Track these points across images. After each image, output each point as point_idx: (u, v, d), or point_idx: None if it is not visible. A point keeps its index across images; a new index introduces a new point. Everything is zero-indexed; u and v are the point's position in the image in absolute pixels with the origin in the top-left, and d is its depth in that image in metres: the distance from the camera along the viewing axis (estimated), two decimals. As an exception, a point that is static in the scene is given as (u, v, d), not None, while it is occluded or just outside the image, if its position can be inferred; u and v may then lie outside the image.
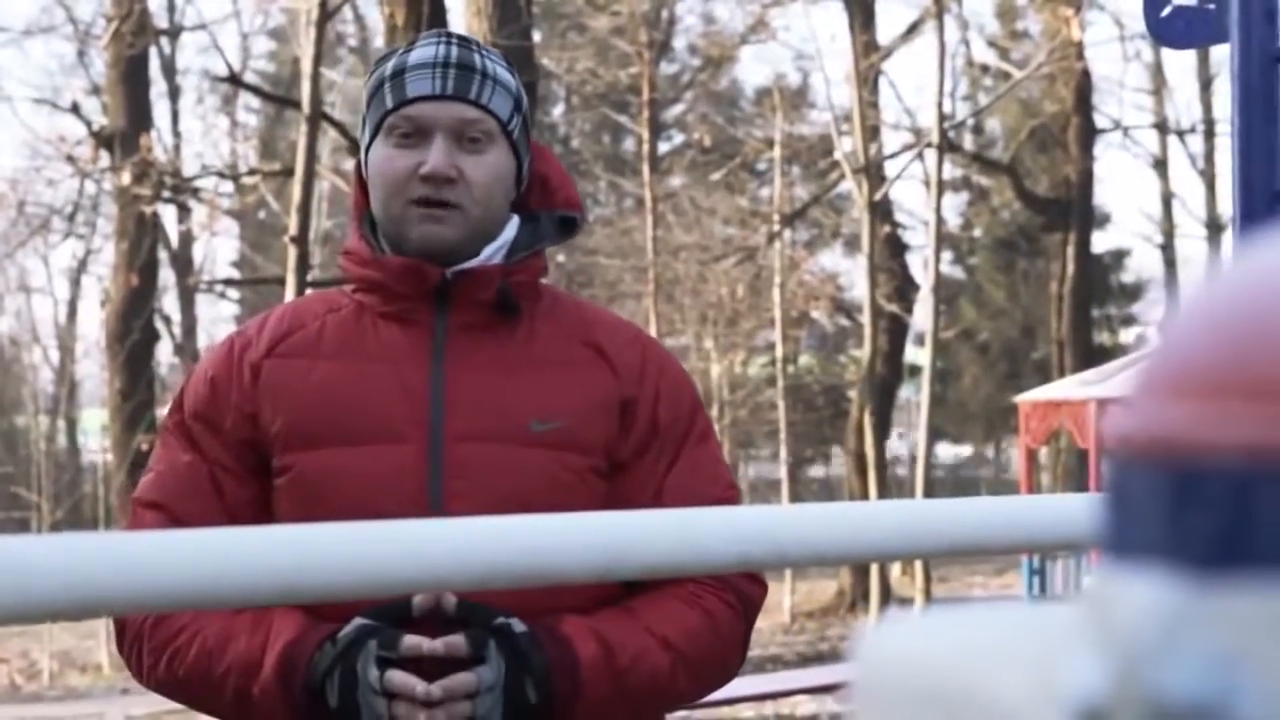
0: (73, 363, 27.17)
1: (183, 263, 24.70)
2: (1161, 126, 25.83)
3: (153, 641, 2.00)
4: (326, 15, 11.46)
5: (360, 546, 1.40)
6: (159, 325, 20.99)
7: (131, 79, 18.36)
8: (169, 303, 24.64)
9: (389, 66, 2.10)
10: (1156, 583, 0.44)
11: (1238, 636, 0.43)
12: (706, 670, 2.06)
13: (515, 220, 2.14)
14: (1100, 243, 26.34)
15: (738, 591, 2.05)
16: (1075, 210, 19.62)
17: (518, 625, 1.93)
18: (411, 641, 1.90)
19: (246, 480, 2.03)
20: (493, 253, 2.09)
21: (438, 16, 11.22)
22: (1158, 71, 25.51)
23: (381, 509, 1.86)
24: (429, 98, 2.06)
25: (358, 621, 1.92)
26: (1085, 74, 18.98)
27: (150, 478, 2.08)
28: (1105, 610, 0.45)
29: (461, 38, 2.11)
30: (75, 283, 27.85)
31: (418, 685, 1.88)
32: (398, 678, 1.88)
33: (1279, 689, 0.42)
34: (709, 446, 2.13)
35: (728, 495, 2.10)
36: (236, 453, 2.04)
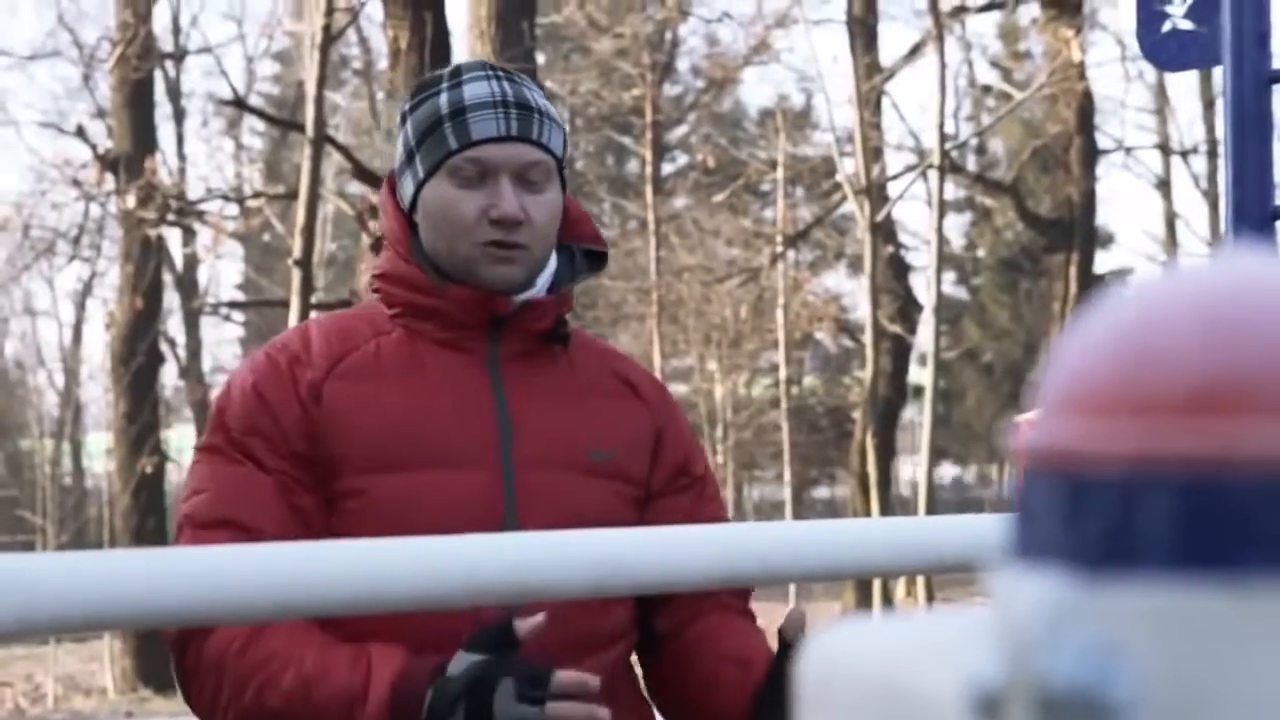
0: (78, 386, 27.22)
1: (187, 285, 24.78)
2: (1164, 147, 25.89)
3: (239, 671, 1.94)
4: (330, 39, 11.52)
5: (434, 559, 1.42)
6: (164, 348, 21.04)
7: (136, 102, 18.43)
8: (174, 325, 24.72)
9: (444, 102, 2.10)
10: (1048, 581, 0.48)
11: (1118, 628, 0.47)
12: None
13: (554, 254, 2.18)
14: (1104, 263, 26.40)
15: (752, 616, 2.18)
16: (1078, 230, 19.67)
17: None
18: (570, 678, 1.85)
19: (311, 490, 2.01)
20: (543, 285, 2.13)
21: (441, 40, 11.28)
22: (1160, 92, 25.58)
23: (458, 533, 1.87)
24: (495, 140, 2.08)
25: (472, 656, 1.86)
26: (1087, 95, 19.04)
27: (204, 498, 2.02)
28: (1005, 608, 0.49)
29: (505, 71, 2.13)
30: (80, 306, 27.95)
31: (590, 680, 1.84)
32: (564, 709, 1.83)
33: (1153, 674, 0.46)
34: (715, 482, 2.25)
35: (723, 514, 2.23)
36: (295, 464, 2.01)
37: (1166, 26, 3.27)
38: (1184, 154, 26.12)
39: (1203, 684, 0.46)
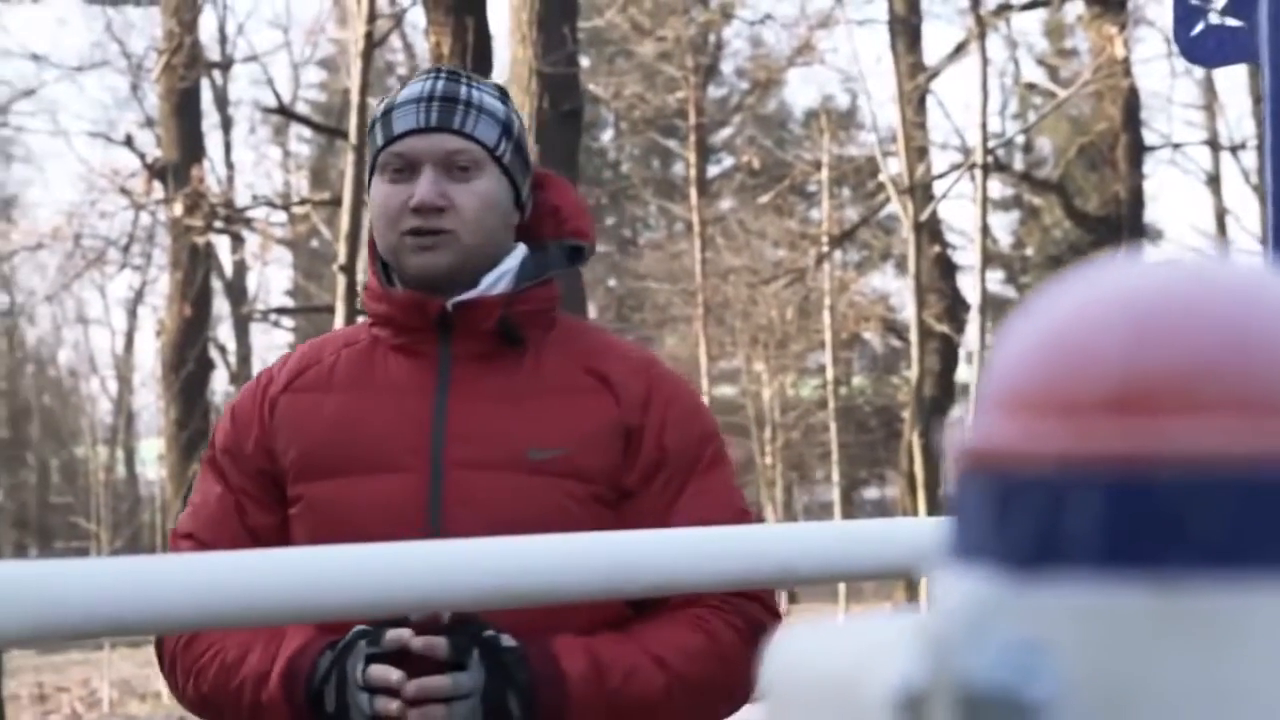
0: (130, 393, 27.41)
1: (237, 292, 24.93)
2: (1213, 142, 25.69)
3: (183, 663, 2.09)
4: (372, 46, 11.57)
5: (361, 567, 1.45)
6: (214, 354, 21.18)
7: (183, 111, 18.57)
8: (224, 332, 24.89)
9: (381, 107, 2.19)
10: (975, 581, 0.49)
11: (1042, 626, 0.47)
12: (706, 692, 2.08)
13: (521, 249, 2.18)
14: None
15: (745, 616, 2.07)
16: (1126, 227, 19.55)
17: (506, 640, 1.98)
18: (393, 635, 1.96)
19: (270, 507, 2.11)
20: (494, 281, 2.14)
21: (482, 45, 11.30)
22: (1209, 87, 25.39)
23: (384, 537, 1.91)
24: (414, 132, 2.12)
25: (355, 628, 1.99)
26: (1133, 91, 18.92)
27: (187, 511, 2.18)
28: (934, 607, 0.49)
29: (451, 71, 2.19)
30: (132, 314, 28.14)
31: (393, 675, 1.94)
32: (377, 671, 1.94)
33: (1076, 673, 0.47)
34: (720, 474, 2.16)
35: (738, 520, 2.12)
36: (258, 482, 2.13)
37: (1204, 22, 3.25)
38: (1233, 149, 25.91)
39: (1126, 682, 0.47)
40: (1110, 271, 0.51)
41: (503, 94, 2.20)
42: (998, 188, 24.37)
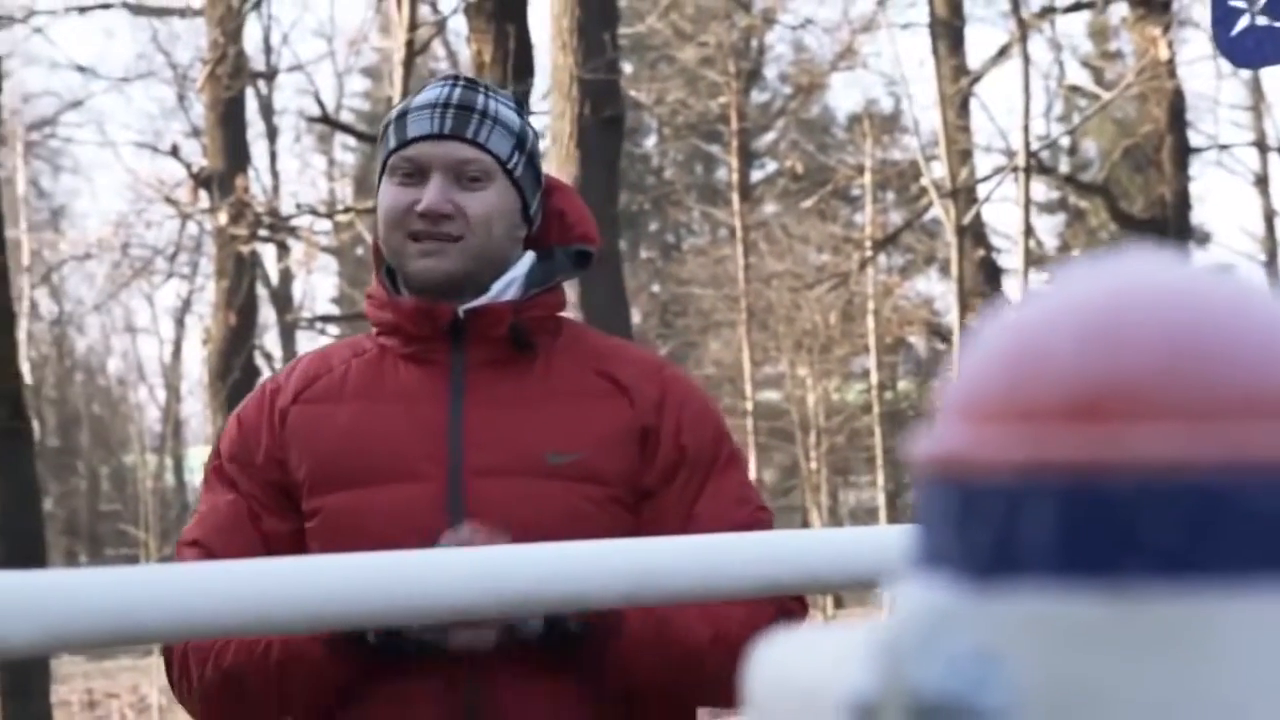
0: (178, 401, 27.58)
1: (282, 300, 25.05)
2: (1261, 143, 25.50)
3: (196, 656, 2.07)
4: (413, 54, 11.62)
5: (380, 575, 1.46)
6: (260, 362, 21.28)
7: (229, 121, 18.67)
8: (270, 340, 25.01)
9: (395, 110, 2.18)
10: (931, 589, 0.49)
11: (997, 635, 0.47)
12: (742, 655, 2.08)
13: (530, 256, 2.19)
14: (1202, 262, 25.97)
15: (776, 603, 2.08)
16: (1172, 230, 19.43)
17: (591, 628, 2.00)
18: (460, 536, 1.96)
19: (283, 515, 2.10)
20: (503, 288, 2.14)
21: (523, 52, 11.34)
22: (1256, 88, 25.21)
23: (405, 546, 1.91)
24: (427, 137, 2.12)
25: None
26: (1178, 93, 18.81)
27: (195, 519, 2.16)
28: (891, 616, 0.49)
29: (469, 80, 2.19)
30: (180, 322, 28.32)
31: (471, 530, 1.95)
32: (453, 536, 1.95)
33: (1030, 681, 0.46)
34: (736, 472, 2.18)
35: (757, 517, 2.13)
36: (269, 491, 2.12)
37: (1243, 23, 3.24)
38: (1281, 150, 25.69)
39: (1081, 691, 0.46)
40: (1069, 280, 0.51)
41: (519, 105, 2.21)
42: (1043, 191, 24.26)
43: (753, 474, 17.17)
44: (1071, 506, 0.47)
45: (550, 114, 11.41)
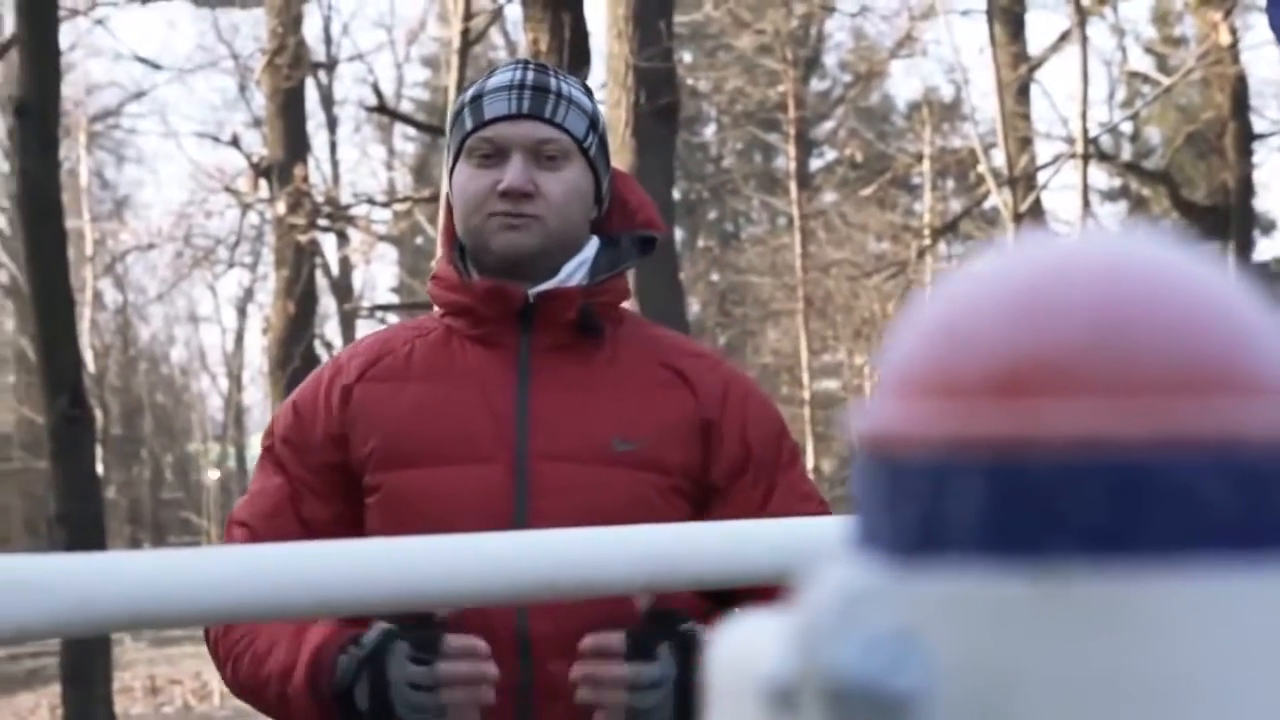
0: (239, 390, 27.78)
1: (342, 289, 25.17)
2: (1326, 129, 25.15)
3: (222, 648, 2.11)
4: (468, 43, 11.64)
5: (441, 558, 1.45)
6: (320, 351, 21.39)
7: (289, 111, 18.76)
8: (330, 329, 25.14)
9: (469, 92, 2.18)
10: (853, 568, 0.48)
11: (917, 616, 0.46)
12: None
13: (595, 241, 2.19)
14: (1266, 250, 25.79)
15: None
16: (1234, 217, 19.23)
17: (702, 631, 1.97)
18: (460, 643, 1.94)
19: (329, 500, 2.11)
20: (572, 272, 2.15)
21: (579, 41, 11.33)
22: (1322, 73, 24.84)
23: (467, 527, 1.93)
24: (505, 118, 2.13)
25: (380, 626, 1.98)
26: (1241, 78, 18.60)
27: (244, 500, 2.18)
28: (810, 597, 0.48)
29: (539, 64, 2.19)
30: (242, 311, 28.53)
31: (479, 643, 1.93)
32: (456, 641, 1.92)
33: (950, 663, 0.46)
34: (800, 468, 2.19)
35: (821, 511, 2.13)
36: (321, 475, 2.12)
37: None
38: (1349, 136, 25.33)
39: (1003, 673, 0.46)
40: (999, 257, 0.50)
41: (587, 90, 2.22)
42: (1104, 178, 24.05)
43: (810, 463, 17.14)
44: (995, 483, 0.46)
45: (605, 103, 11.41)
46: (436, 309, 2.20)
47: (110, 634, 8.88)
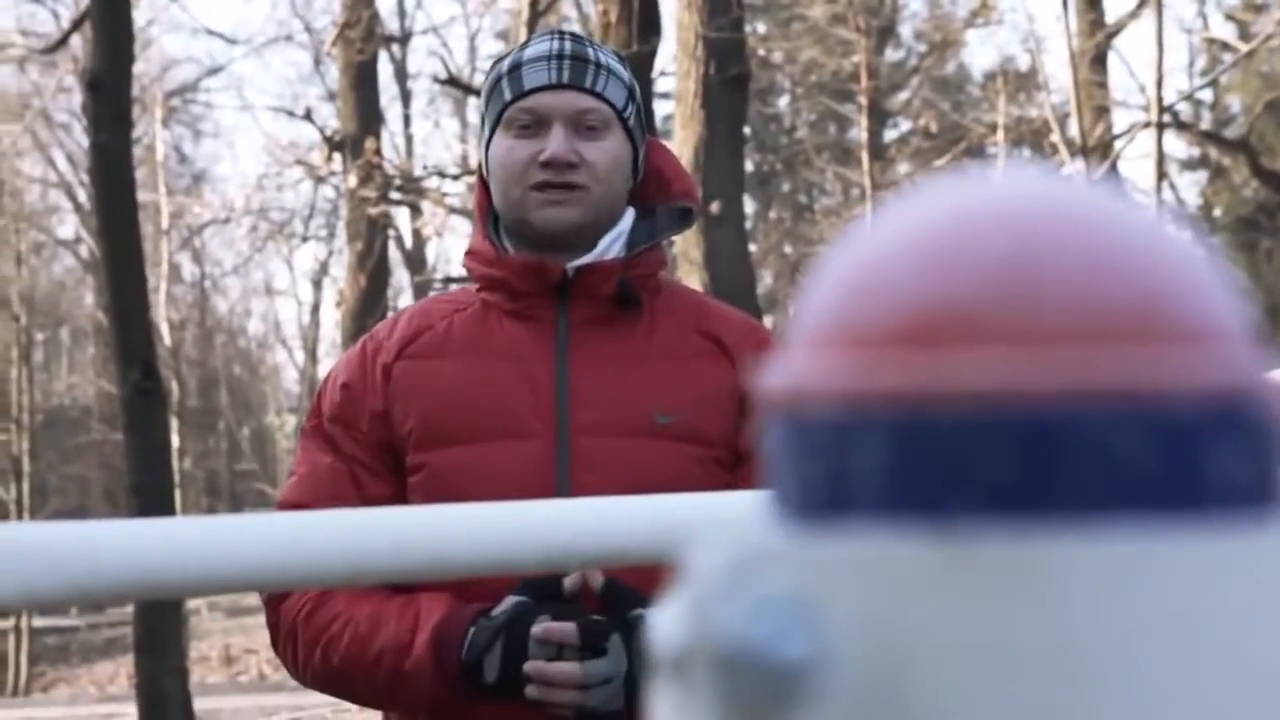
0: (314, 363, 27.97)
1: (416, 262, 25.26)
2: None
3: (306, 634, 2.05)
4: (537, 15, 11.62)
5: (485, 525, 1.43)
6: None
7: (362, 84, 18.81)
8: (404, 301, 25.24)
9: (505, 64, 2.16)
10: (747, 529, 0.45)
11: (816, 578, 0.44)
12: None
13: (632, 213, 2.17)
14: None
15: None
16: (1316, 186, 18.92)
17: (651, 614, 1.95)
18: (557, 628, 1.95)
19: (385, 477, 2.09)
20: (609, 245, 2.13)
21: (649, 12, 11.28)
22: (1407, 39, 24.39)
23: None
24: (546, 88, 2.11)
25: (514, 599, 1.96)
26: (1323, 44, 18.28)
27: (293, 481, 2.15)
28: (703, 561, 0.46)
29: (575, 35, 2.17)
30: (317, 285, 28.70)
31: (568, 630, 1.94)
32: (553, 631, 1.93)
33: (847, 628, 0.43)
34: None
35: None
36: (373, 452, 2.10)
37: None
38: None
39: (904, 639, 0.43)
40: (909, 203, 0.47)
41: (622, 59, 2.20)
42: (1184, 148, 23.74)
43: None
44: (898, 439, 0.43)
45: (675, 74, 11.35)
46: (473, 283, 2.18)
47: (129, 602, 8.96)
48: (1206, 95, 23.20)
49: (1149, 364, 0.42)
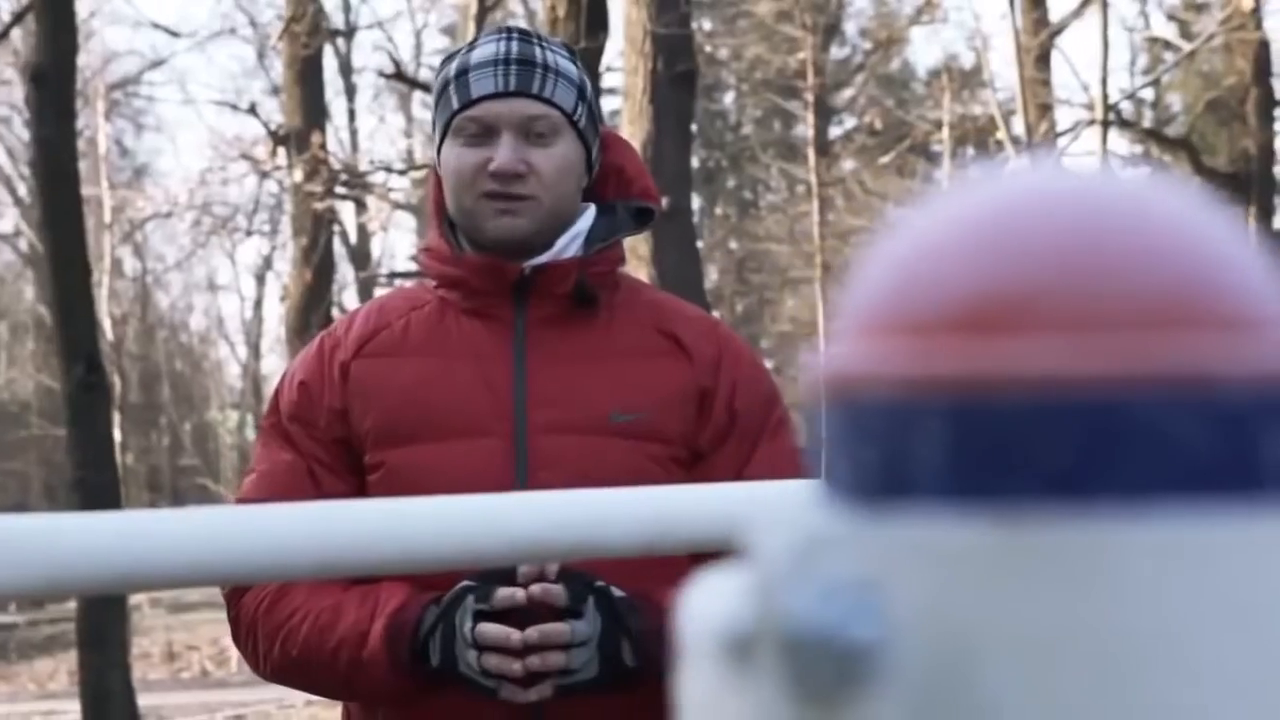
0: (258, 358, 27.83)
1: (361, 257, 25.17)
2: (1349, 96, 24.94)
3: (266, 628, 2.05)
4: (485, 10, 11.59)
5: (443, 521, 1.43)
6: (337, 319, 21.40)
7: (307, 79, 18.72)
8: (349, 297, 25.15)
9: (453, 67, 2.14)
10: (811, 515, 0.46)
11: (880, 564, 0.44)
12: None
13: (591, 210, 2.17)
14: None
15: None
16: (1256, 183, 19.11)
17: (617, 590, 1.96)
18: (505, 593, 1.95)
19: (343, 475, 2.08)
20: (567, 244, 2.12)
21: (597, 7, 11.27)
22: (1345, 40, 24.66)
23: None
24: (493, 96, 2.09)
25: (461, 583, 1.97)
26: (1264, 44, 18.46)
27: (252, 478, 2.14)
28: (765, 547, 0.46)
29: (523, 32, 2.16)
30: (260, 279, 28.57)
31: (512, 634, 1.93)
32: (490, 629, 1.93)
33: (911, 612, 0.43)
34: (787, 437, 2.15)
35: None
36: (331, 450, 2.09)
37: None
38: (1372, 103, 25.13)
39: (964, 622, 0.43)
40: (961, 191, 0.47)
41: (572, 54, 2.18)
42: (1125, 145, 23.92)
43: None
44: (959, 425, 0.44)
45: (624, 69, 11.35)
46: (429, 280, 2.17)
47: (96, 596, 8.90)
48: (1148, 94, 23.40)
49: (1206, 349, 0.43)
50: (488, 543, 1.45)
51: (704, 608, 0.61)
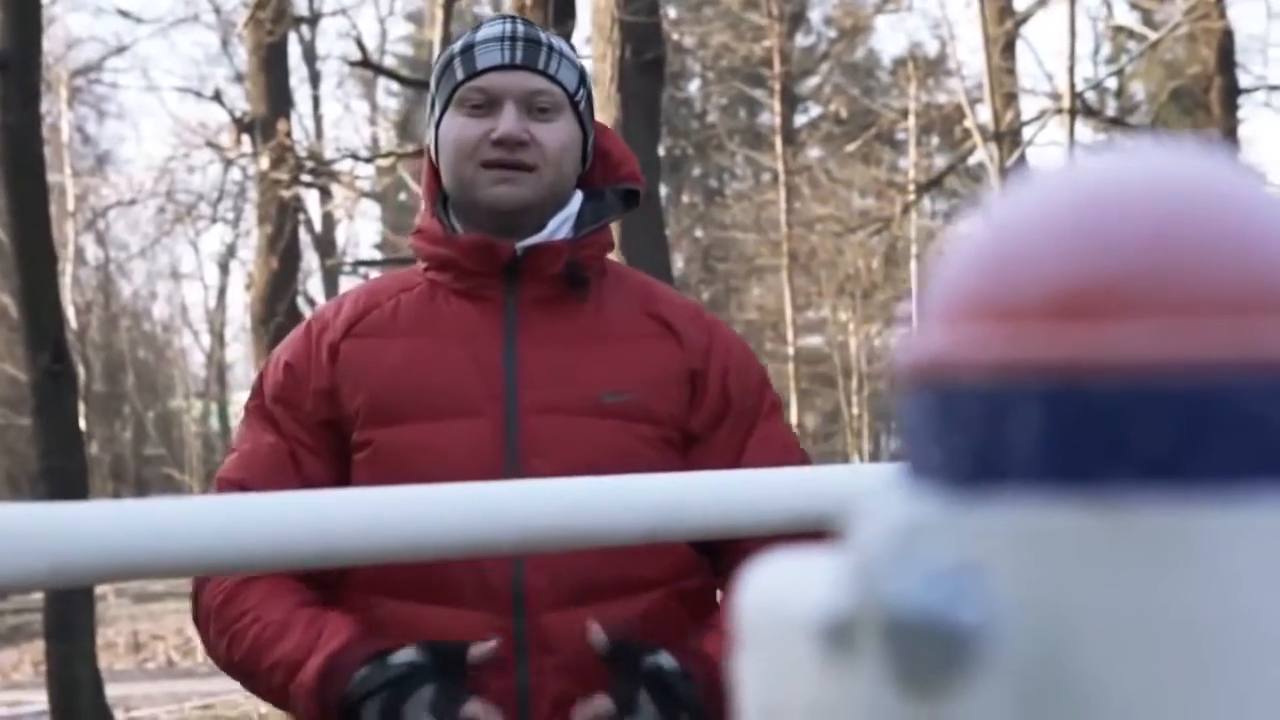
0: (222, 346, 27.72)
1: (326, 245, 25.08)
2: (1311, 85, 25.10)
3: (219, 622, 2.05)
4: (453, -3, 11.56)
5: (431, 508, 1.43)
6: (303, 307, 21.33)
7: (271, 66, 18.63)
8: (313, 285, 25.08)
9: (458, 45, 2.17)
10: (909, 501, 0.46)
11: (978, 548, 0.44)
12: None
13: (580, 195, 2.18)
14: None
15: None
16: (1219, 173, 19.21)
17: (666, 661, 1.94)
18: (473, 711, 1.91)
19: (326, 459, 2.08)
20: (558, 226, 2.13)
21: (565, -5, 11.26)
22: (1307, 29, 24.79)
23: (456, 482, 1.90)
24: (499, 68, 2.11)
25: (412, 656, 1.93)
26: (1227, 33, 18.56)
27: (234, 458, 2.13)
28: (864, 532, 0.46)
29: (526, 19, 2.18)
30: (224, 268, 28.45)
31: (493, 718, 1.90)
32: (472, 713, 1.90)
33: (1012, 597, 0.44)
34: (780, 419, 2.17)
35: (801, 463, 2.13)
36: (316, 433, 2.09)
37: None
38: (1333, 92, 25.30)
39: (1066, 607, 0.44)
40: (1055, 173, 0.47)
41: (573, 48, 2.20)
42: (1089, 133, 24.03)
43: (794, 419, 17.14)
44: (1055, 410, 0.44)
45: (591, 57, 11.34)
46: (420, 263, 2.17)
47: (74, 587, 8.86)
48: (1112, 82, 23.50)
49: (1301, 336, 0.43)
50: (479, 529, 1.45)
51: (774, 595, 0.61)
